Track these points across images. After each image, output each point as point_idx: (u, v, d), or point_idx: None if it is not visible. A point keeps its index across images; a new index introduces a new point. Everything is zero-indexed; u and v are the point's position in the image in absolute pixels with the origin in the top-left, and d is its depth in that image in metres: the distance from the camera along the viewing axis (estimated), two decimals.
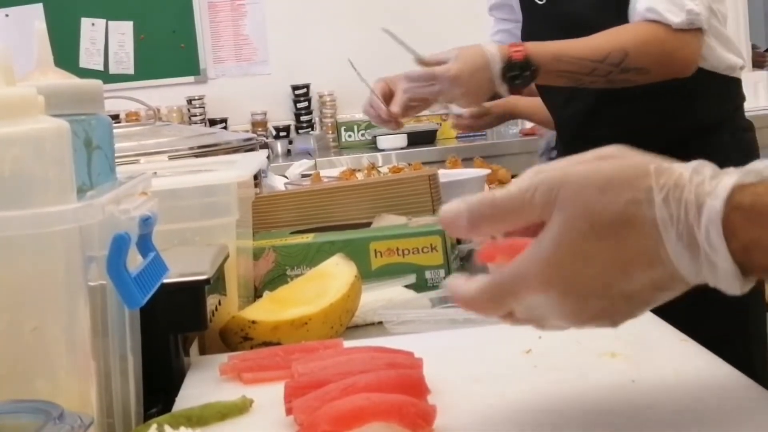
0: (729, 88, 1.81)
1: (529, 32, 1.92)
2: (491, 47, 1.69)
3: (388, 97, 1.79)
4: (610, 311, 0.67)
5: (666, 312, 1.00)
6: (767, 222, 0.61)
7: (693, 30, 1.65)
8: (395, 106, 1.77)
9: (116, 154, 0.90)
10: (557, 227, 0.65)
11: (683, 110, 1.78)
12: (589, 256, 0.64)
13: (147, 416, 0.83)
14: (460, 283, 0.72)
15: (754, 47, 4.80)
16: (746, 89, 1.92)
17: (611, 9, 1.74)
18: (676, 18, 1.63)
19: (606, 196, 0.64)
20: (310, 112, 4.51)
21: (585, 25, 1.70)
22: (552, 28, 1.76)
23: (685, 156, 0.71)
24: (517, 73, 1.67)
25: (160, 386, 0.88)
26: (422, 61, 1.73)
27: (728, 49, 1.78)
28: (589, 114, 1.85)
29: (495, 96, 1.78)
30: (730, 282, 0.63)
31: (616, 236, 0.64)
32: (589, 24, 1.71)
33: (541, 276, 0.66)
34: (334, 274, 1.13)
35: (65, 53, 4.21)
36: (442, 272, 1.28)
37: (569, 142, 1.94)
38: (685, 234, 0.62)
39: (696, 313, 1.52)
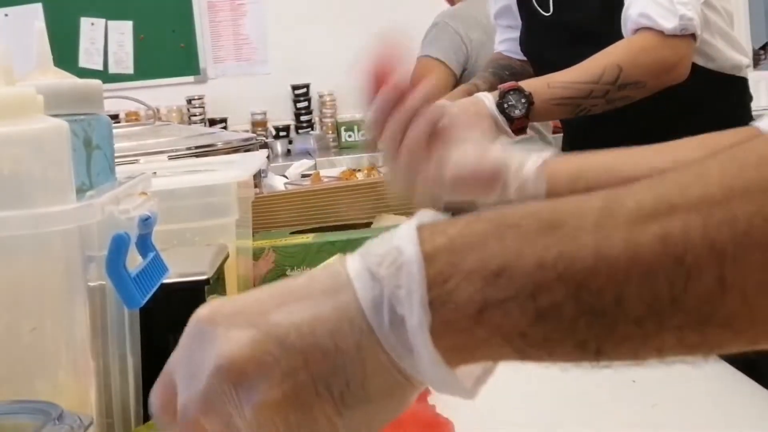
0: (736, 87, 1.80)
1: (530, 43, 1.91)
2: (480, 93, 1.69)
3: None
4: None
5: None
6: (478, 253, 0.44)
7: (685, 36, 1.63)
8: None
9: (116, 154, 0.90)
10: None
11: (691, 111, 1.77)
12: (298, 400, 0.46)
13: (147, 416, 0.83)
14: None
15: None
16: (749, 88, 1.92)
17: (615, 20, 1.73)
18: (668, 24, 1.61)
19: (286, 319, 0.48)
20: (310, 112, 4.51)
21: (589, 36, 1.69)
22: (555, 38, 1.74)
23: None
24: (512, 103, 1.65)
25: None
26: None
27: (734, 49, 1.77)
28: (596, 117, 1.85)
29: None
30: (432, 367, 0.46)
31: (316, 360, 0.46)
32: (593, 34, 1.70)
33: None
34: None
35: (65, 53, 4.21)
36: None
37: (577, 144, 1.94)
38: (387, 308, 0.45)
39: None
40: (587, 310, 0.44)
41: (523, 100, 1.65)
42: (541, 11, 1.83)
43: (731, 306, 0.41)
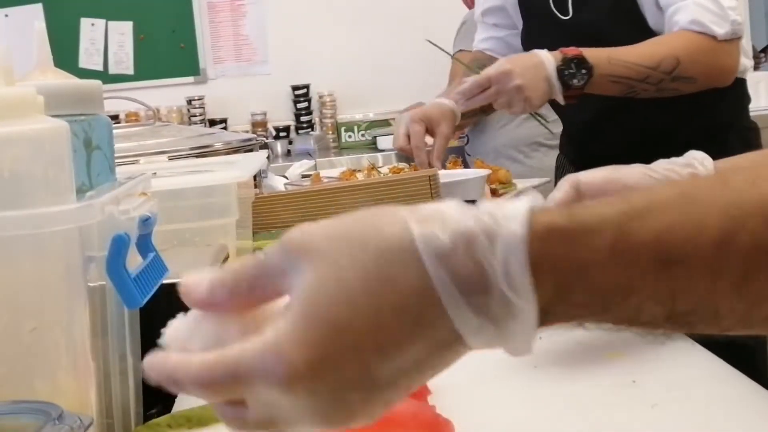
0: (736, 89, 1.80)
1: (542, 44, 1.91)
2: (542, 51, 1.68)
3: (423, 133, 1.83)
4: (369, 405, 0.50)
5: None
6: (590, 241, 0.46)
7: (734, 40, 1.66)
8: (436, 161, 1.82)
9: (116, 155, 0.90)
10: (296, 297, 0.49)
11: (694, 113, 1.77)
12: (340, 329, 0.47)
13: (147, 417, 0.83)
14: (181, 326, 0.55)
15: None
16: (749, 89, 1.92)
17: (625, 22, 1.73)
18: (721, 29, 1.63)
19: (354, 248, 0.48)
20: (310, 113, 4.51)
21: (605, 37, 1.69)
22: (574, 41, 1.73)
23: None
24: (573, 71, 1.65)
25: (160, 387, 0.88)
26: (471, 69, 1.75)
27: (742, 52, 1.78)
28: (597, 118, 1.84)
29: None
30: (525, 339, 0.48)
31: (369, 301, 0.47)
32: (609, 35, 1.70)
33: (276, 366, 0.48)
34: None
35: (65, 53, 4.21)
36: None
37: (579, 146, 1.94)
38: (466, 274, 0.46)
39: None
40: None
41: (584, 71, 1.65)
42: (558, 14, 1.82)
43: None
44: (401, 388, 0.50)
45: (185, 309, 0.55)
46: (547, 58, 1.67)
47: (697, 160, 0.85)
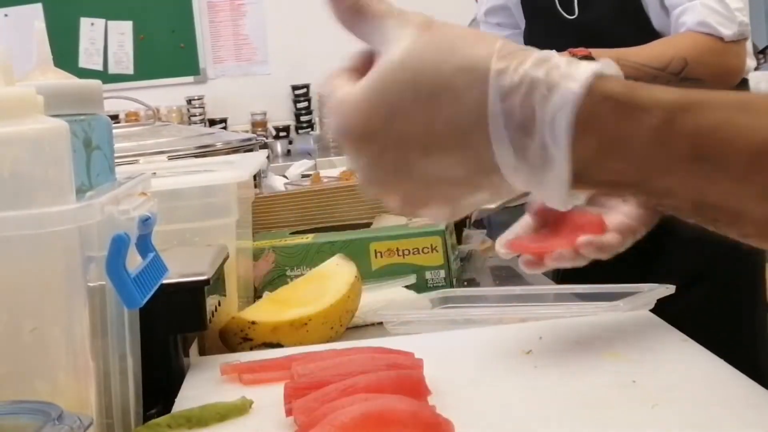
0: (740, 89, 1.79)
1: (547, 44, 1.90)
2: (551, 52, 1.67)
3: None
4: (411, 195, 0.57)
5: (668, 313, 1.00)
6: (636, 121, 0.50)
7: (741, 41, 1.66)
8: None
9: (116, 155, 0.90)
10: (377, 65, 0.55)
11: None
12: (396, 116, 0.54)
13: (147, 417, 0.83)
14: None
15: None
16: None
17: (629, 22, 1.73)
18: (728, 31, 1.63)
19: (440, 54, 0.53)
20: (310, 112, 4.51)
21: (604, 38, 1.69)
22: (572, 39, 1.72)
23: None
24: None
25: (159, 387, 0.88)
26: None
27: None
28: None
29: None
30: (553, 189, 0.52)
31: (431, 100, 0.53)
32: (609, 36, 1.69)
33: (336, 121, 0.57)
34: (334, 275, 1.13)
35: (65, 53, 4.21)
36: (442, 273, 1.28)
37: None
38: (519, 114, 0.51)
39: (698, 314, 1.51)
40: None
41: None
42: (564, 14, 1.82)
43: None
44: (435, 194, 0.56)
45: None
46: (553, 55, 1.66)
47: None
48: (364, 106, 0.55)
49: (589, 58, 1.63)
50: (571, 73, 0.52)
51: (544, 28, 1.89)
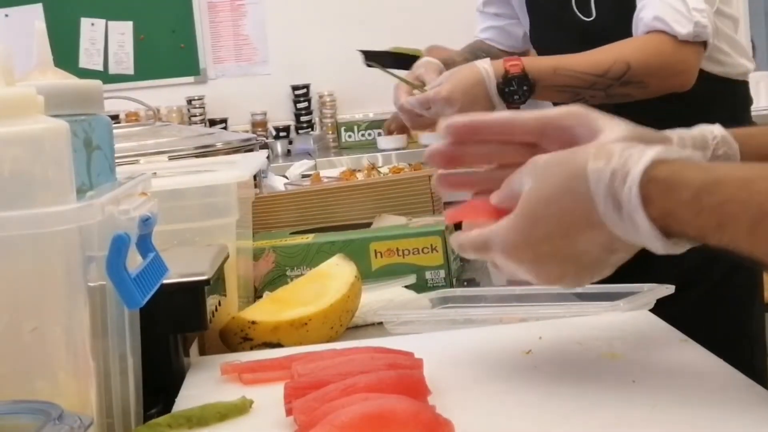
0: (739, 92, 1.79)
1: (541, 38, 1.89)
2: (484, 63, 1.64)
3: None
4: (562, 272, 0.78)
5: (668, 313, 1.00)
6: (677, 196, 0.70)
7: (697, 43, 1.61)
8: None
9: (116, 155, 0.90)
10: (521, 198, 0.78)
11: (693, 116, 1.75)
12: (539, 223, 0.76)
13: (147, 416, 0.83)
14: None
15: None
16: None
17: (629, 20, 1.71)
18: (683, 29, 1.59)
19: (557, 169, 0.76)
20: (310, 113, 4.51)
21: (604, 35, 1.67)
22: (594, 43, 1.70)
23: None
24: (515, 88, 1.61)
25: (160, 386, 0.88)
26: (413, 86, 1.71)
27: (740, 54, 1.76)
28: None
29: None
30: (651, 241, 0.72)
31: (559, 203, 0.75)
32: (609, 33, 1.68)
33: (502, 238, 0.79)
34: (334, 275, 1.13)
35: (65, 53, 4.21)
36: (442, 273, 1.28)
37: None
38: (612, 196, 0.72)
39: (697, 314, 1.51)
40: None
41: (525, 88, 1.62)
42: (581, 16, 1.79)
43: None
44: (588, 267, 0.77)
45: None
46: (487, 76, 1.63)
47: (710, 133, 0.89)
48: (516, 226, 0.78)
49: (521, 75, 1.60)
50: (639, 161, 0.72)
51: (539, 22, 1.88)
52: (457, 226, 0.89)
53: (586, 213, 0.74)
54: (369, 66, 1.80)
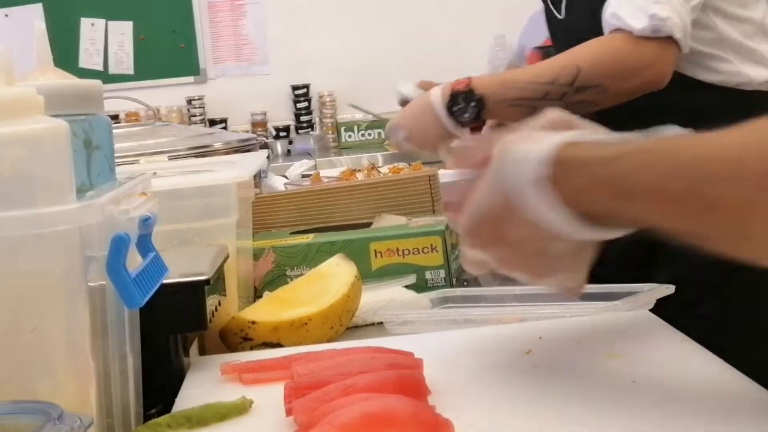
0: (744, 102, 1.60)
1: (553, 42, 1.88)
2: (436, 89, 1.65)
3: None
4: (514, 258, 0.80)
5: (682, 324, 0.97)
6: (584, 173, 0.72)
7: (660, 39, 1.50)
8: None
9: (116, 155, 0.90)
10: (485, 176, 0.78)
11: (693, 128, 1.70)
12: (486, 207, 0.77)
13: (147, 416, 0.83)
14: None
15: None
16: None
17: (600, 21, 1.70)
18: (638, 24, 1.49)
19: (504, 152, 0.77)
20: (310, 112, 4.51)
21: (577, 36, 1.65)
22: (567, 42, 1.69)
23: None
24: (462, 105, 1.59)
25: (160, 386, 0.88)
26: (382, 120, 1.75)
27: (752, 62, 1.61)
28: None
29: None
30: (563, 222, 0.73)
31: (497, 189, 0.76)
32: (581, 33, 1.66)
33: (464, 221, 0.80)
34: (334, 275, 1.13)
35: (65, 53, 4.21)
36: (442, 273, 1.28)
37: None
38: (523, 181, 0.73)
39: (712, 326, 1.49)
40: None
41: (473, 104, 1.58)
42: (556, 13, 1.78)
43: None
44: (528, 251, 0.78)
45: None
46: (435, 99, 1.63)
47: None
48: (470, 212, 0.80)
49: (466, 90, 1.59)
50: (546, 143, 0.74)
51: (549, 29, 1.87)
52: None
53: (508, 203, 0.75)
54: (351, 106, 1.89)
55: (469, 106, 1.59)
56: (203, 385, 0.91)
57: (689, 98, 1.57)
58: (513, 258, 0.79)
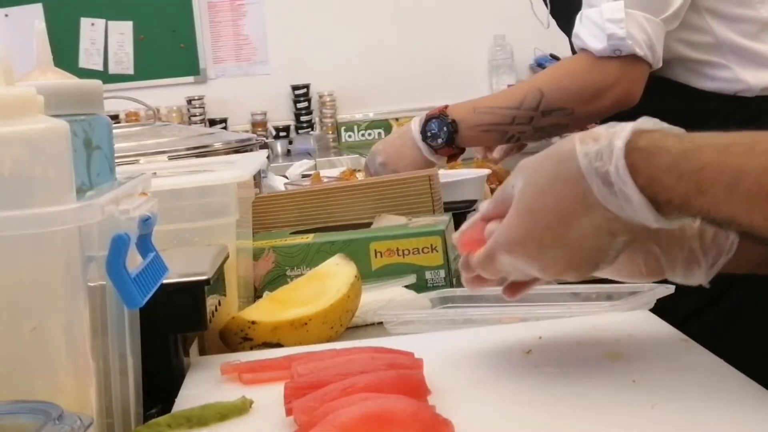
0: (746, 109, 1.54)
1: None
2: (416, 117, 1.69)
3: None
4: (568, 260, 0.79)
5: (694, 330, 0.97)
6: (658, 162, 0.72)
7: (623, 57, 1.48)
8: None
9: (116, 155, 0.90)
10: (515, 198, 0.80)
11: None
12: (537, 215, 0.78)
13: (147, 416, 0.83)
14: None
15: None
16: None
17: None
18: (598, 44, 1.48)
19: (546, 162, 0.79)
20: (310, 112, 4.51)
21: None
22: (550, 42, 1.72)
23: None
24: (435, 131, 1.62)
25: (160, 386, 0.88)
26: None
27: (755, 64, 1.54)
28: None
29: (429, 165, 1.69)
30: (644, 213, 0.73)
31: (553, 192, 0.77)
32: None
33: (504, 238, 0.80)
34: (334, 275, 1.13)
35: (65, 53, 4.21)
36: (442, 273, 1.28)
37: None
38: (602, 175, 0.74)
39: (726, 330, 1.48)
40: None
41: (445, 129, 1.61)
42: (541, 22, 1.81)
43: None
44: (591, 252, 0.78)
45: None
46: (414, 124, 1.66)
47: None
48: (516, 222, 0.80)
49: (440, 115, 1.62)
50: (620, 135, 0.74)
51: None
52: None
53: (580, 197, 0.75)
54: None
55: (442, 131, 1.62)
56: (203, 385, 0.91)
57: (687, 106, 1.53)
58: (568, 259, 0.79)
